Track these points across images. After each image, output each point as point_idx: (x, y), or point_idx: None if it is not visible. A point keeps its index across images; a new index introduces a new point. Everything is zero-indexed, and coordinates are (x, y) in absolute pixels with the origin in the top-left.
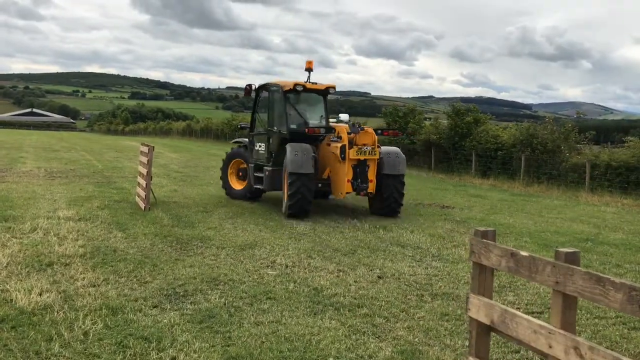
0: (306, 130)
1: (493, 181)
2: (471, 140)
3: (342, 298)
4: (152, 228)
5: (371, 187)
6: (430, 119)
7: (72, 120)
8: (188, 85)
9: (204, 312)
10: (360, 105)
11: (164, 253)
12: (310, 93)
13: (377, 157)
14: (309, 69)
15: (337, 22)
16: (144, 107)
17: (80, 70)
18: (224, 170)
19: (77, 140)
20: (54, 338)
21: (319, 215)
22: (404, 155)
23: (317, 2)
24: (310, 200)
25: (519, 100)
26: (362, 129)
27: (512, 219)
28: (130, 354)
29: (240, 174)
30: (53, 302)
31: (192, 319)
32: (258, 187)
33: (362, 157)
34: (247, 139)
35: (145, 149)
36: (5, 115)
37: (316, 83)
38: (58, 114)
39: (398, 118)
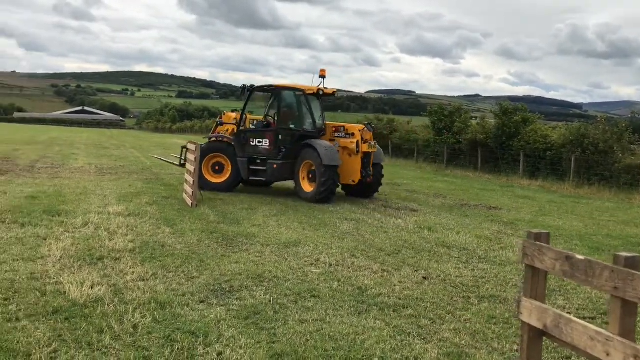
0: (319, 128)
1: (542, 182)
2: (519, 140)
3: (386, 298)
4: (199, 224)
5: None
6: (476, 118)
7: (121, 119)
8: (233, 84)
9: (249, 308)
10: (405, 103)
11: (211, 249)
12: (317, 96)
13: (375, 150)
14: (322, 76)
15: (382, 21)
16: (190, 106)
17: (130, 70)
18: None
19: (126, 138)
20: (105, 330)
21: (363, 215)
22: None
23: (361, 0)
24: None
25: (569, 99)
26: (374, 128)
27: (561, 221)
28: (178, 348)
29: (217, 167)
30: (104, 295)
31: (238, 314)
32: (256, 178)
33: (369, 150)
34: (225, 136)
35: (193, 147)
36: (58, 113)
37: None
38: (108, 112)
39: (444, 117)
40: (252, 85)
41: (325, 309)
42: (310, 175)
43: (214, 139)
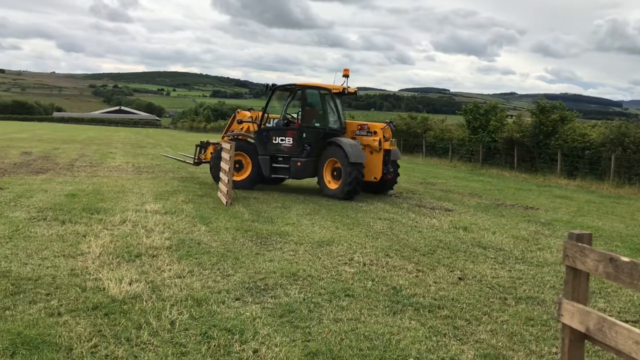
0: (343, 127)
1: (580, 182)
2: (557, 138)
3: (421, 298)
4: (234, 222)
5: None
6: (512, 116)
7: (157, 118)
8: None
9: (284, 306)
10: (439, 102)
11: (245, 247)
12: (338, 95)
13: (395, 147)
14: (346, 76)
15: (415, 18)
16: (224, 105)
17: (165, 70)
18: (217, 163)
19: (162, 136)
20: (143, 326)
21: (397, 214)
22: None
23: None
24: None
25: (608, 97)
26: (395, 126)
27: (601, 222)
28: (214, 345)
29: (237, 165)
30: (142, 292)
31: (273, 312)
32: (278, 175)
33: (389, 148)
34: (241, 133)
35: (228, 147)
36: (96, 113)
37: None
38: (144, 111)
39: (479, 115)
40: (274, 84)
41: (359, 309)
42: (335, 173)
43: (232, 137)
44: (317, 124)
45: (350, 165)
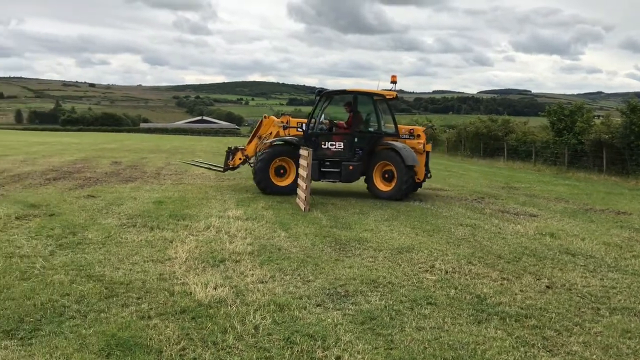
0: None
1: None
2: None
3: (507, 307)
4: (312, 228)
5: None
6: (600, 116)
7: (236, 127)
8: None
9: (365, 313)
10: (520, 103)
11: (324, 253)
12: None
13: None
14: (394, 82)
15: (494, 19)
16: (300, 112)
17: (244, 80)
18: (265, 168)
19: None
20: (228, 330)
21: (479, 220)
22: None
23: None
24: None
25: None
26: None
27: None
28: (297, 351)
29: (282, 171)
30: (226, 296)
31: (354, 319)
32: (328, 180)
33: (429, 150)
34: (291, 138)
35: (305, 153)
36: (180, 123)
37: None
38: (224, 120)
39: (563, 116)
40: (321, 90)
41: (442, 317)
42: (386, 175)
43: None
44: (370, 129)
45: (406, 168)
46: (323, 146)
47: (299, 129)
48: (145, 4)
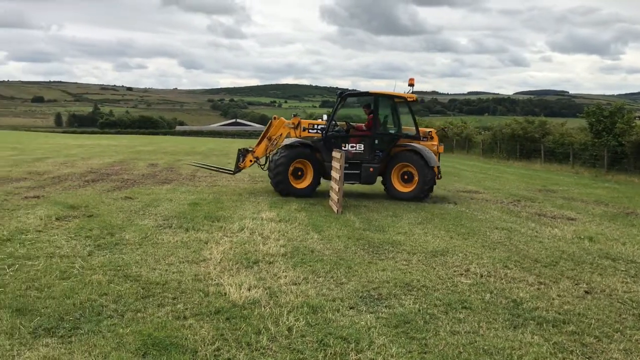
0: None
1: None
2: None
3: (544, 312)
4: (345, 231)
5: None
6: None
7: None
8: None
9: (398, 316)
10: (557, 104)
11: (357, 256)
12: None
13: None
14: (411, 84)
15: (529, 18)
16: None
17: (277, 82)
18: (284, 171)
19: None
20: (262, 331)
21: (515, 223)
22: None
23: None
24: None
25: None
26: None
27: None
28: (330, 353)
29: (300, 173)
30: (260, 298)
31: (388, 322)
32: (347, 182)
33: (441, 151)
34: (304, 141)
35: (338, 155)
36: (215, 126)
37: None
38: (258, 123)
39: (603, 118)
40: (342, 91)
41: (477, 321)
42: (406, 177)
43: (297, 144)
44: (391, 131)
45: (427, 168)
46: (344, 148)
47: (310, 131)
48: (180, 8)
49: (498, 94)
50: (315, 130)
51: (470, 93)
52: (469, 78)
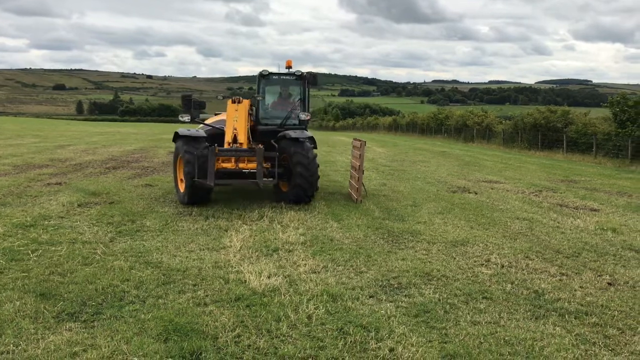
0: None
1: None
2: None
3: (566, 304)
4: (364, 220)
5: None
6: None
7: None
8: (394, 80)
9: (418, 306)
10: (580, 94)
11: (377, 245)
12: None
13: None
14: (289, 67)
15: (551, 6)
16: (352, 104)
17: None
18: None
19: None
20: (281, 319)
21: (537, 214)
22: None
23: None
24: None
25: None
26: None
27: None
28: (350, 341)
29: None
30: (280, 285)
31: (408, 312)
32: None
33: None
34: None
35: (358, 144)
36: None
37: None
38: None
39: (627, 107)
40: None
41: (498, 312)
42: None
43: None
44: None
45: None
46: None
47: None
48: None
49: (520, 83)
50: None
51: (491, 82)
52: (490, 67)
